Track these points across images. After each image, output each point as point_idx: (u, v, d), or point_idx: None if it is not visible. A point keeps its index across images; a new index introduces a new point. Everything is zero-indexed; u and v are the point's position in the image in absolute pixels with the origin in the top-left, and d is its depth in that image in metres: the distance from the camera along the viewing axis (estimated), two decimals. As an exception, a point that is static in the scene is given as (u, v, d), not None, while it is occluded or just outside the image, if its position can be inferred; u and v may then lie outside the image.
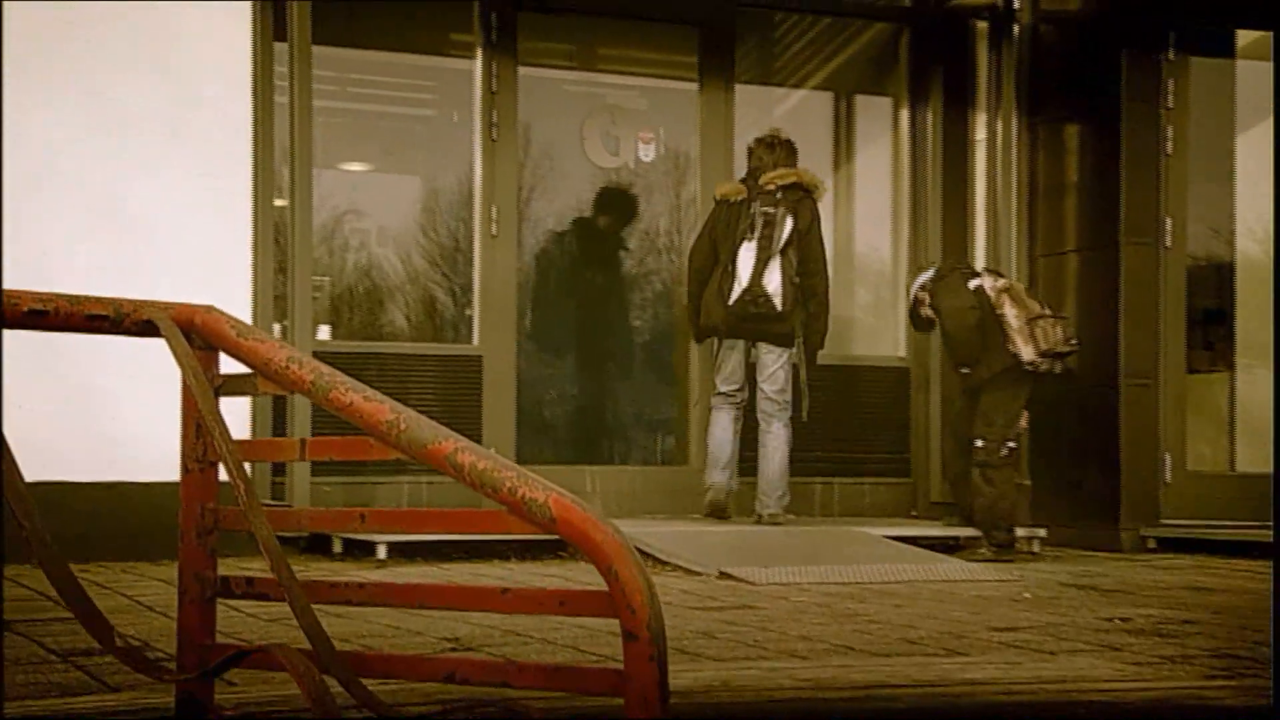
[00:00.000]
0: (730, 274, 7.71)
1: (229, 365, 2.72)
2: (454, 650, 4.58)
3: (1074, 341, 7.79)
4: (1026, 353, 7.65)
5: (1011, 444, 7.79)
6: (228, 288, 7.46)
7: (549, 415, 8.52)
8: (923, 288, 7.94)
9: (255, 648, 2.15)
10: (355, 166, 9.25)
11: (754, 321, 7.78)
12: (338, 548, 7.21)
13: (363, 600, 2.47)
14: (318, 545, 7.29)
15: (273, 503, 7.37)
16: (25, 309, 2.44)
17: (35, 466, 7.15)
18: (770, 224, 7.67)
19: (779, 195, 7.74)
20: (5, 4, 6.84)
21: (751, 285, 7.66)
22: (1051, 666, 3.67)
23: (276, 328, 7.49)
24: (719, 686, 3.21)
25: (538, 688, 2.33)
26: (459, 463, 2.38)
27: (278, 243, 7.59)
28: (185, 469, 2.63)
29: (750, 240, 7.68)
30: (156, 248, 7.35)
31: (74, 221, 7.21)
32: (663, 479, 8.40)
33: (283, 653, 1.99)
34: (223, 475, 2.61)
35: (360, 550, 7.16)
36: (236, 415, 7.11)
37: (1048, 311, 7.79)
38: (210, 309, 2.64)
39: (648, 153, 8.92)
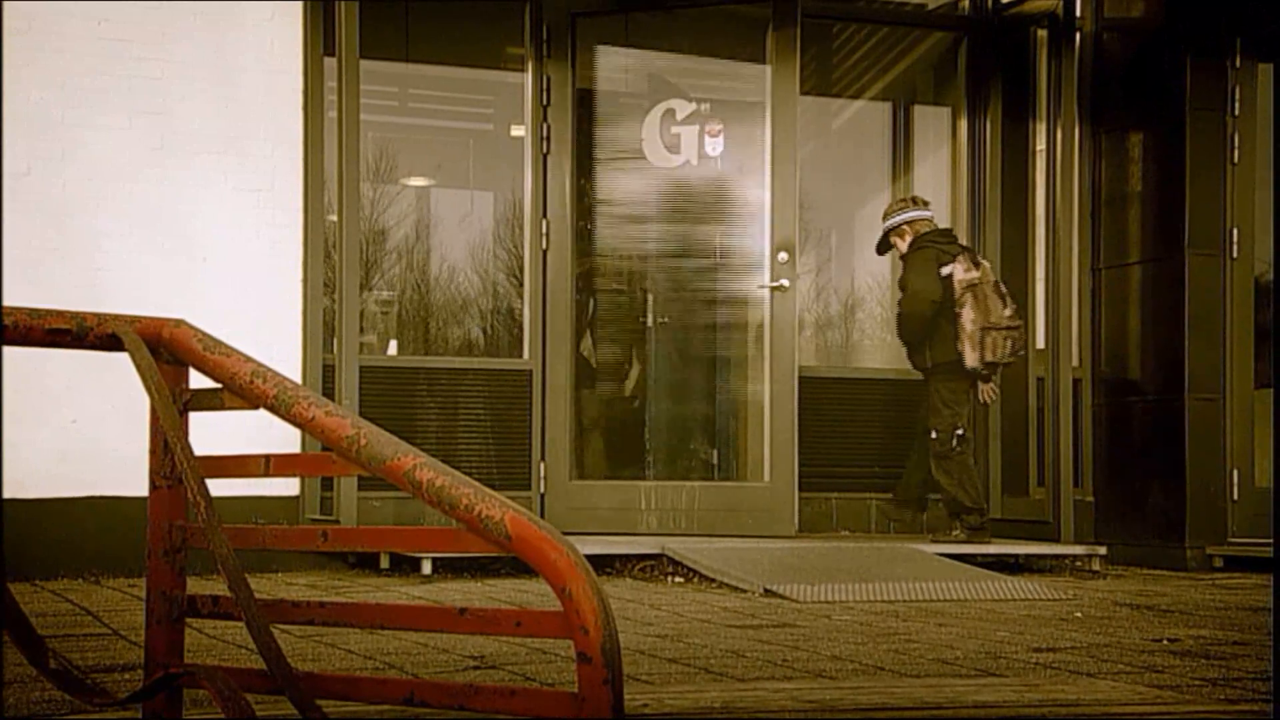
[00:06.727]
0: None
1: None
2: (477, 669, 4.53)
3: (1021, 353, 7.91)
4: (970, 359, 7.75)
5: (959, 431, 7.83)
6: (279, 304, 7.49)
7: (603, 429, 8.43)
8: (912, 224, 7.90)
9: (184, 669, 2.11)
10: (419, 181, 9.26)
11: None
12: (385, 563, 7.19)
13: (325, 620, 2.42)
14: (367, 561, 7.28)
15: (321, 518, 7.37)
16: (-17, 323, 2.41)
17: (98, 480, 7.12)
18: None
19: None
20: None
21: None
22: (1072, 689, 3.55)
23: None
24: (718, 709, 3.13)
25: (494, 710, 2.27)
26: (417, 479, 2.33)
27: (328, 258, 7.60)
28: (153, 485, 2.59)
29: None
30: (210, 265, 7.39)
31: (128, 240, 7.26)
32: (721, 495, 8.31)
33: (206, 674, 1.94)
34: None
35: (408, 565, 7.14)
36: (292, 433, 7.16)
37: (1006, 316, 7.77)
38: (179, 323, 2.61)
39: (715, 146, 8.25)
